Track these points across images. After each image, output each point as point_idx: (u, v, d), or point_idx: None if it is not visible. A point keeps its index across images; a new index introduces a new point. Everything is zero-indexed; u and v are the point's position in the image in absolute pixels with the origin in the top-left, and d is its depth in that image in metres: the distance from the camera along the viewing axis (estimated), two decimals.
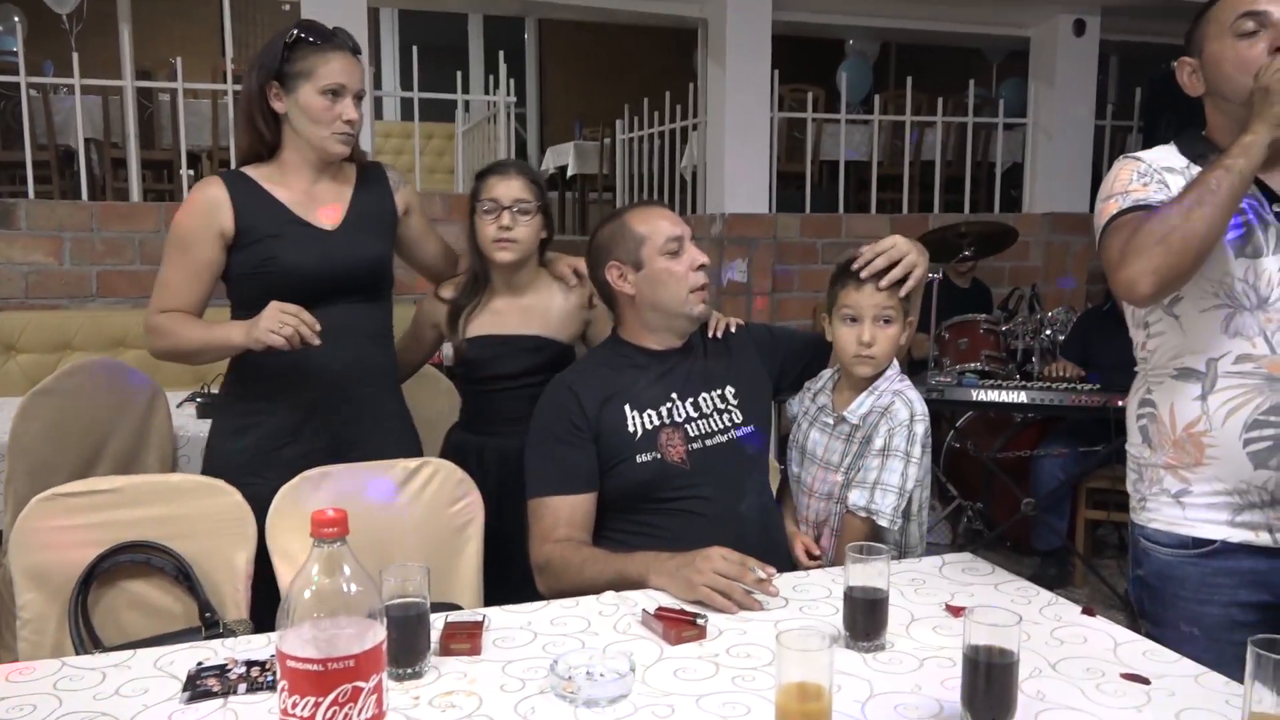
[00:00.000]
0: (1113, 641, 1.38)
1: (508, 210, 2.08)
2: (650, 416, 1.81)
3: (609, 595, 1.54)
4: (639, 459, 1.78)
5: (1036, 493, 3.59)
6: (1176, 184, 1.49)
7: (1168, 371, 1.54)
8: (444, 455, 2.14)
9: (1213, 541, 1.51)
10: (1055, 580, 3.63)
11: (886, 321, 1.82)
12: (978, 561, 1.72)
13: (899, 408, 1.81)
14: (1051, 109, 5.13)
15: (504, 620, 1.46)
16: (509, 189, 2.09)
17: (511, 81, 4.71)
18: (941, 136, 5.27)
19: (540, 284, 2.20)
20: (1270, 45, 1.43)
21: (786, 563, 1.81)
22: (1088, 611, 1.49)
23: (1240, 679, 1.20)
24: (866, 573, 1.35)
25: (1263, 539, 1.48)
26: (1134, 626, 3.05)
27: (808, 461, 1.92)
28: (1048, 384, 3.53)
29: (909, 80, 5.16)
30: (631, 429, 1.79)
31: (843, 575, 1.38)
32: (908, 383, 1.88)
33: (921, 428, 1.82)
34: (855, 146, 5.29)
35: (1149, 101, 5.17)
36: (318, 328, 1.75)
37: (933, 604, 1.52)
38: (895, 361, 1.89)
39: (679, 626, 1.38)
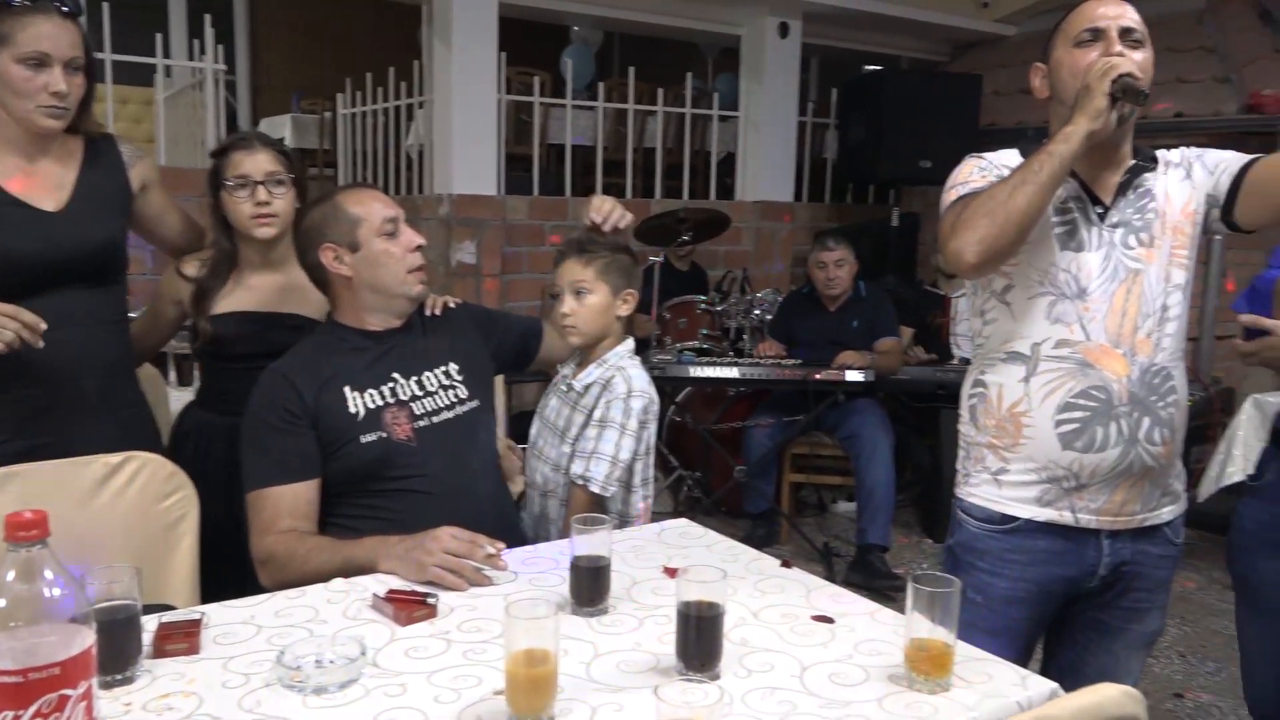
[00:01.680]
0: (805, 589, 1.55)
1: (262, 185, 1.99)
2: (372, 396, 1.81)
3: (338, 582, 1.53)
4: (364, 439, 1.77)
5: (748, 460, 3.89)
6: None
7: (999, 355, 1.65)
8: (180, 435, 2.06)
9: (1017, 519, 1.63)
10: (764, 539, 3.95)
11: (581, 293, 1.93)
12: (692, 526, 1.86)
13: (618, 382, 1.93)
14: (760, 104, 5.51)
15: (224, 616, 1.41)
16: (257, 163, 2.01)
17: (220, 47, 4.41)
18: (662, 125, 5.51)
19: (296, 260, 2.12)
20: (1102, 53, 1.55)
21: (517, 537, 1.87)
22: (785, 564, 1.66)
23: (1012, 653, 1.44)
24: (590, 542, 1.44)
25: (1065, 518, 1.61)
26: (830, 577, 3.39)
27: (543, 427, 2.02)
28: (757, 360, 3.82)
29: (631, 70, 5.35)
30: (353, 410, 1.78)
31: (569, 547, 1.45)
32: (636, 361, 1.99)
33: (638, 404, 1.93)
34: (581, 132, 5.42)
35: (844, 102, 5.68)
36: (42, 327, 1.61)
37: (651, 567, 1.63)
38: (631, 340, 2.01)
39: (410, 607, 1.40)
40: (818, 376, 3.58)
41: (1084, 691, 1.00)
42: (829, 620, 1.43)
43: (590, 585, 1.43)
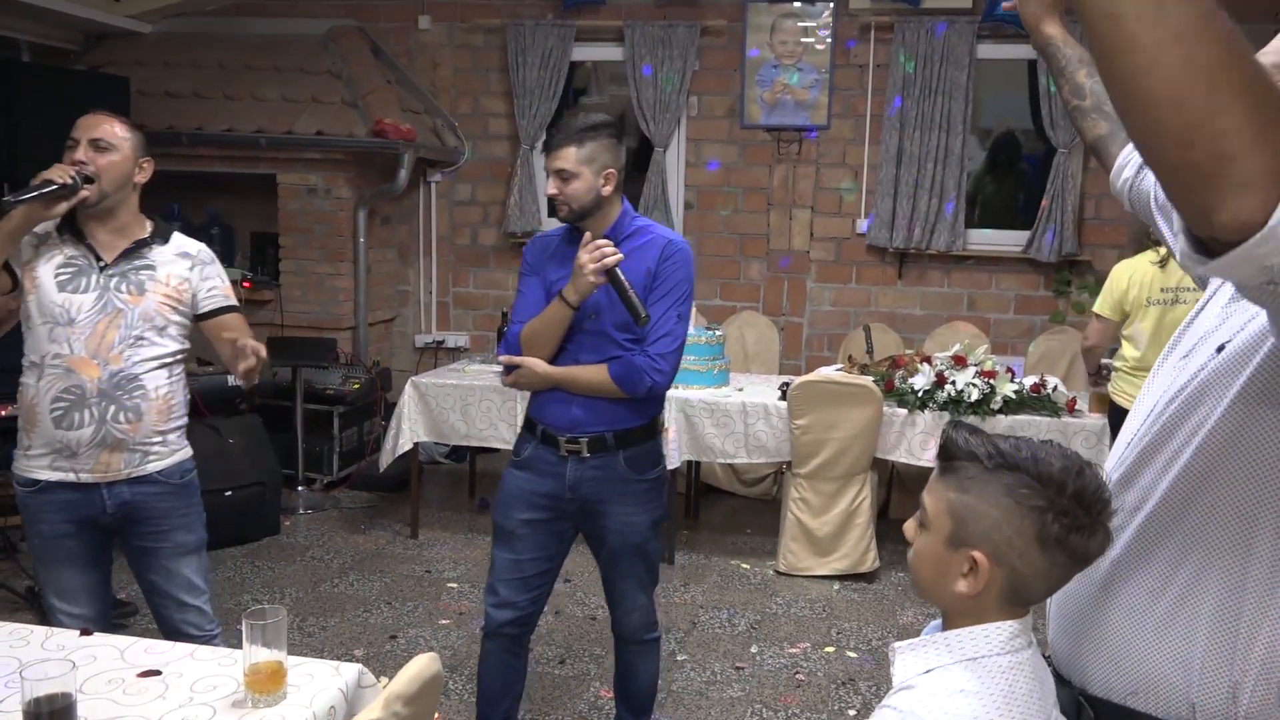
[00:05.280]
0: (117, 650, 1.63)
1: None
2: None
3: None
4: None
5: None
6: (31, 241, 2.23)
7: (26, 363, 2.23)
8: None
9: (40, 481, 2.24)
10: None
11: None
12: None
13: None
14: None
15: None
16: None
17: None
18: None
19: None
20: (69, 160, 2.19)
21: None
22: (85, 633, 1.69)
23: (97, 574, 2.30)
24: None
25: (70, 477, 2.23)
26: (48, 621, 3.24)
27: None
28: None
29: None
30: None
31: None
32: None
33: None
34: None
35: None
36: None
37: None
38: None
39: None
40: (5, 413, 3.28)
41: (406, 667, 1.38)
42: (157, 673, 1.56)
43: None
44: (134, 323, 2.24)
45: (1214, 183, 0.68)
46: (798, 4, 5.27)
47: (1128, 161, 1.39)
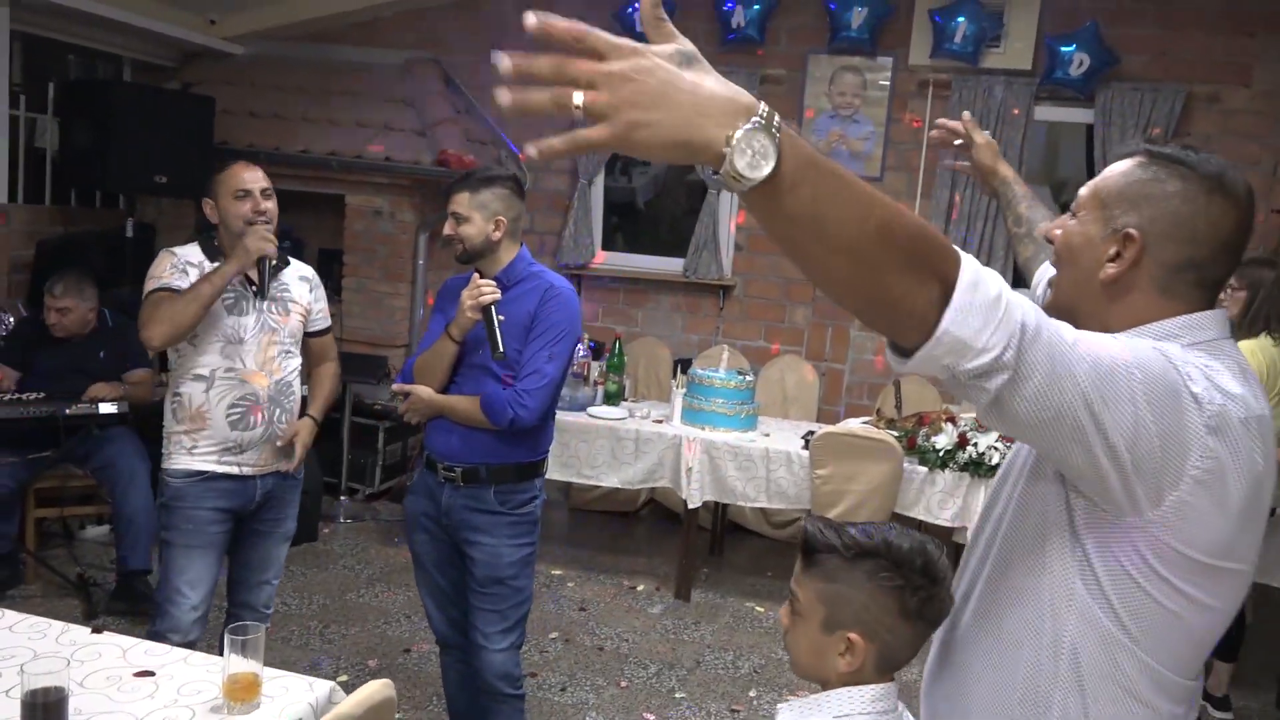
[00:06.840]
0: (121, 650, 1.79)
1: None
2: None
3: None
4: None
5: None
6: (194, 273, 2.55)
7: (189, 376, 2.57)
8: None
9: (205, 472, 2.56)
10: (7, 582, 3.75)
11: None
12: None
13: None
14: None
15: None
16: None
17: None
18: None
19: None
20: (251, 207, 2.54)
21: None
22: (96, 630, 1.86)
23: (214, 553, 2.58)
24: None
25: (234, 470, 2.58)
26: (91, 609, 3.46)
27: None
28: None
29: None
30: None
31: None
32: None
33: None
34: None
35: (65, 100, 5.37)
36: None
37: None
38: None
39: None
40: (69, 411, 3.53)
41: (358, 692, 1.51)
42: (150, 673, 1.71)
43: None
44: (284, 339, 2.65)
45: (890, 319, 0.87)
46: (858, 58, 5.35)
47: (1039, 281, 1.51)
